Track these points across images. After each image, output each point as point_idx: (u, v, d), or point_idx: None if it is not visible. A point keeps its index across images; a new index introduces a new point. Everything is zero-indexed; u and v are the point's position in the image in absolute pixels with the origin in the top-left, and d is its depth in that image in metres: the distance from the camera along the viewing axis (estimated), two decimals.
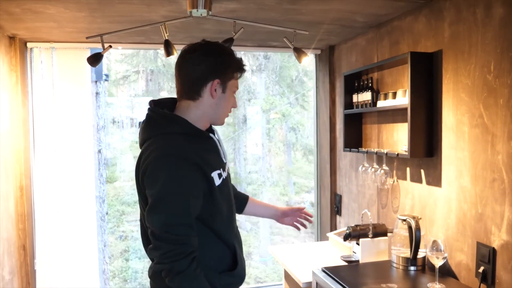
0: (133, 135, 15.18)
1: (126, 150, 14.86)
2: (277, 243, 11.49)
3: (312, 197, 14.00)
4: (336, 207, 3.27)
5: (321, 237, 3.42)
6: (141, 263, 10.81)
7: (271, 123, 11.21)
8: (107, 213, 5.83)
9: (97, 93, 5.45)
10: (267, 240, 11.06)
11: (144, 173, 1.35)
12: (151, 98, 1.58)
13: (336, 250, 2.75)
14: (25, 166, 3.00)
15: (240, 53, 10.58)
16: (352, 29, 2.72)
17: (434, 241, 1.85)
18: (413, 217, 2.04)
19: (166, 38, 2.20)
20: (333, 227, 3.30)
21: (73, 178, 3.16)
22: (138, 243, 11.63)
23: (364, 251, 2.35)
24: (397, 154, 2.25)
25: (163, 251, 1.29)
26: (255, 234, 11.53)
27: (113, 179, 14.04)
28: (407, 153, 2.15)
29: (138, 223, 1.48)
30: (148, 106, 1.50)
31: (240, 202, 1.81)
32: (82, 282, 3.19)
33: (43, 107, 3.06)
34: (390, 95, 2.37)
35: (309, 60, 2.51)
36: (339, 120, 3.19)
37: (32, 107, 3.07)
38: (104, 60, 13.29)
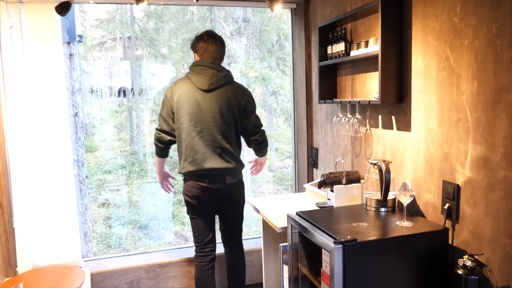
0: (113, 104, 14.96)
1: (107, 119, 14.67)
2: None
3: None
4: (312, 160, 3.34)
5: (299, 189, 3.50)
6: (125, 229, 10.90)
7: (251, 87, 11.17)
8: (86, 177, 5.80)
9: (70, 55, 5.31)
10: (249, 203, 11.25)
11: (247, 102, 2.68)
12: (129, 63, 1.90)
13: (312, 200, 2.83)
14: None
15: (215, 12, 10.37)
16: None
17: (404, 183, 1.93)
18: (383, 161, 2.11)
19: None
20: (310, 179, 3.38)
21: (49, 139, 3.12)
22: (121, 210, 11.68)
23: (338, 197, 2.43)
24: (369, 102, 2.30)
25: (264, 134, 2.82)
26: None
27: (94, 148, 13.92)
28: (378, 100, 2.20)
29: (120, 191, 2.27)
30: (211, 61, 2.64)
31: None
32: (63, 242, 3.22)
33: (14, 66, 2.97)
34: (363, 44, 2.40)
35: (279, 11, 2.49)
36: (315, 74, 3.21)
37: (1, 66, 2.99)
38: (78, 26, 12.90)
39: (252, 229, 10.66)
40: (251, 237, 3.57)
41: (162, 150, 2.81)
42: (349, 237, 1.67)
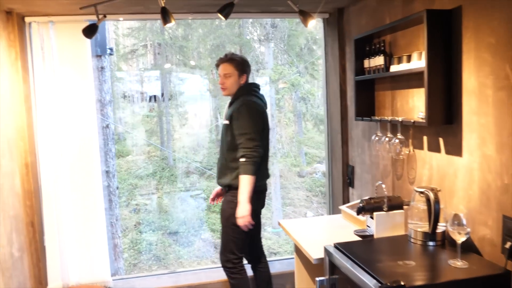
0: (144, 109, 15.16)
1: (138, 124, 14.86)
2: (289, 214, 11.51)
3: (324, 167, 13.94)
4: (348, 179, 3.16)
5: (334, 209, 3.33)
6: (155, 236, 10.95)
7: (280, 94, 11.03)
8: (117, 188, 5.81)
9: (102, 68, 5.32)
10: (279, 211, 11.07)
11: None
12: (159, 71, 1.82)
13: (349, 224, 2.66)
14: (29, 143, 2.94)
15: (243, 21, 10.26)
16: None
17: (456, 215, 1.73)
18: (432, 189, 1.92)
19: (163, 5, 2.05)
20: (346, 199, 3.20)
21: (79, 153, 3.10)
22: (151, 216, 11.77)
23: (379, 225, 2.25)
24: (413, 122, 2.11)
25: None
26: (267, 206, 11.55)
27: (126, 153, 14.11)
28: (424, 121, 2.01)
29: (150, 197, 2.16)
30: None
31: None
32: (92, 260, 3.17)
33: (45, 83, 2.96)
34: (404, 58, 2.21)
35: (317, 25, 2.37)
36: (350, 87, 3.04)
37: (33, 84, 2.97)
38: (112, 34, 13.13)
39: (282, 237, 10.46)
40: (283, 258, 3.41)
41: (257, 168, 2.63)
42: (395, 284, 1.49)
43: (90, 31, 2.21)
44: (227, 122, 2.68)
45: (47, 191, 3.01)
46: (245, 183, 2.53)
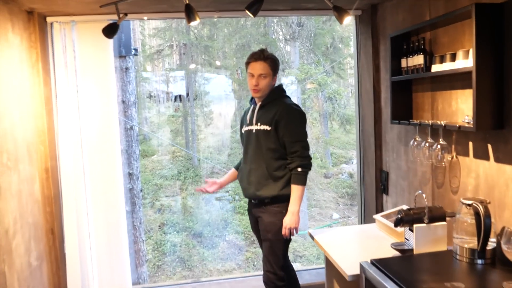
0: (170, 109, 15.22)
1: (164, 124, 14.92)
2: (314, 216, 11.29)
3: (351, 168, 13.61)
4: (382, 185, 2.97)
5: (366, 218, 3.14)
6: (179, 237, 10.92)
7: (306, 93, 10.83)
8: (141, 190, 5.76)
9: (126, 68, 5.27)
10: (305, 213, 10.87)
11: None
12: (184, 71, 1.68)
13: (384, 235, 2.47)
14: (49, 147, 2.87)
15: (268, 17, 10.09)
16: None
17: (509, 232, 1.54)
18: (481, 201, 1.73)
19: (187, 2, 1.92)
20: (379, 206, 3.01)
21: (100, 156, 3.01)
22: (176, 217, 11.76)
23: (419, 239, 2.06)
24: (459, 127, 1.92)
25: None
26: None
27: (151, 153, 14.18)
28: (471, 126, 1.82)
29: (176, 197, 2.28)
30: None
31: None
32: (113, 268, 3.08)
33: (66, 85, 2.89)
34: (448, 57, 2.02)
35: (348, 22, 2.21)
36: (385, 88, 2.85)
37: (54, 86, 2.90)
38: (138, 35, 13.23)
39: (308, 239, 10.24)
40: (313, 267, 3.25)
41: None
42: None
43: (110, 30, 2.11)
44: (267, 127, 2.42)
45: (67, 197, 2.94)
46: (300, 193, 2.39)
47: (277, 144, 2.41)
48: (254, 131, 2.48)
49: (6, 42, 2.42)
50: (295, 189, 2.40)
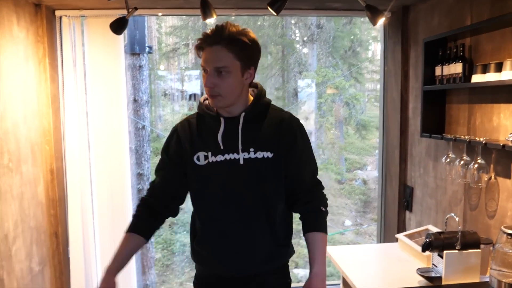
0: (184, 108, 15.15)
1: (178, 122, 14.87)
2: (327, 221, 11.06)
3: (365, 174, 13.34)
4: (405, 202, 2.76)
5: (385, 236, 2.93)
6: (189, 237, 10.79)
7: (323, 97, 10.60)
8: None
9: (140, 66, 5.14)
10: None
11: None
12: (199, 70, 1.38)
13: (408, 258, 2.26)
14: (55, 148, 2.73)
15: (286, 18, 9.92)
16: None
17: None
18: None
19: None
20: (401, 225, 2.80)
21: (108, 157, 2.87)
22: (186, 217, 11.65)
23: (449, 266, 1.86)
24: (503, 146, 1.71)
25: None
26: None
27: None
28: None
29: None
30: None
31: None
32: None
33: (74, 83, 2.75)
34: (492, 67, 1.81)
35: (366, 26, 2.02)
36: (413, 97, 2.64)
37: (62, 83, 2.76)
38: (154, 33, 13.16)
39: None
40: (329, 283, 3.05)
41: None
42: None
43: (118, 25, 1.96)
44: (268, 154, 1.45)
45: (73, 199, 2.80)
46: (325, 244, 1.51)
47: (281, 180, 1.49)
48: (242, 161, 1.43)
49: (11, 36, 2.28)
50: (320, 239, 1.49)
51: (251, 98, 1.50)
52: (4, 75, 2.20)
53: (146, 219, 1.50)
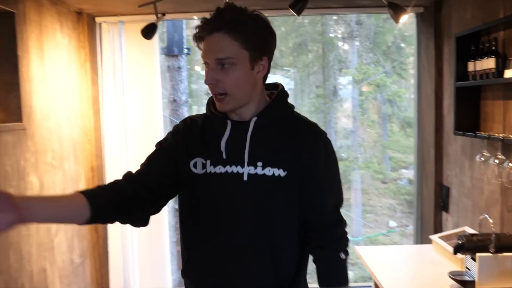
0: None
1: None
2: (370, 222, 10.84)
3: (411, 174, 12.95)
4: (442, 202, 2.68)
5: (422, 238, 2.85)
6: None
7: (364, 95, 10.41)
8: None
9: (179, 67, 5.27)
10: (359, 219, 10.48)
11: None
12: None
13: (442, 260, 2.21)
14: (96, 146, 2.89)
15: (326, 19, 9.84)
16: None
17: None
18: None
19: (227, 0, 1.79)
20: (438, 225, 2.72)
21: (145, 155, 2.99)
22: None
23: (483, 270, 1.80)
24: None
25: None
26: (346, 212, 10.99)
27: None
28: None
29: None
30: None
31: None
32: (153, 263, 3.09)
33: (113, 85, 2.89)
34: None
35: (408, 21, 1.98)
36: (448, 94, 2.56)
37: (102, 85, 2.92)
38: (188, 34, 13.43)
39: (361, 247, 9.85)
40: (360, 284, 3.02)
41: None
42: None
43: (149, 31, 2.05)
44: (280, 171, 1.13)
45: None
46: None
47: (294, 207, 1.16)
48: (246, 177, 1.13)
49: (54, 42, 2.44)
50: None
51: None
52: (48, 78, 2.36)
53: (103, 188, 1.13)
